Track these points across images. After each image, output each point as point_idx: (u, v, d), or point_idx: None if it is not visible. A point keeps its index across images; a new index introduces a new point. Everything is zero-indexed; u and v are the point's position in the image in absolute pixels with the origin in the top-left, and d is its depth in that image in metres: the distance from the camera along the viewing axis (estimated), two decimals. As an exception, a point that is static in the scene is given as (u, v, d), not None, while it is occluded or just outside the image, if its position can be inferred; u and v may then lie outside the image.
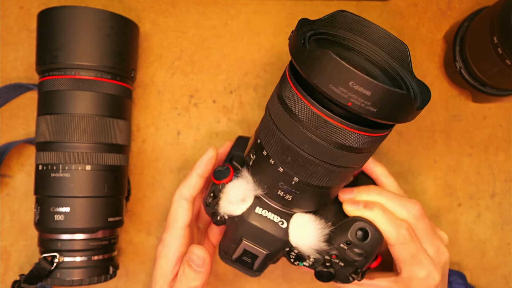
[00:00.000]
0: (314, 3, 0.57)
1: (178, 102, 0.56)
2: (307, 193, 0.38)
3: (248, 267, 0.42)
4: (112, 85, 0.48)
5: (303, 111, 0.34)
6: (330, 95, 0.32)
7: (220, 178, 0.41)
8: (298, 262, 0.42)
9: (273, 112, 0.37)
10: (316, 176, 0.37)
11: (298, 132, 0.35)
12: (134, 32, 0.51)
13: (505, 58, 0.45)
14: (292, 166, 0.37)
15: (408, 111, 0.33)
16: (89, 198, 0.46)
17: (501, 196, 0.57)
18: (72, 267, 0.46)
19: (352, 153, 0.35)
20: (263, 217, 0.40)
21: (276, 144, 0.37)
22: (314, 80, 0.32)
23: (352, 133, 0.34)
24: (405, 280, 0.42)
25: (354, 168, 0.38)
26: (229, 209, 0.41)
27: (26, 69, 0.55)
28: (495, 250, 0.56)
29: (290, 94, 0.35)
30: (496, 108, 0.57)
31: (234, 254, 0.42)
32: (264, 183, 0.39)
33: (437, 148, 0.57)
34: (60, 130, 0.46)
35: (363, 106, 0.31)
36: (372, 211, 0.41)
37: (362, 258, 0.40)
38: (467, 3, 0.58)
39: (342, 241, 0.40)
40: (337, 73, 0.31)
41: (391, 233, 0.40)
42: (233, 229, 0.41)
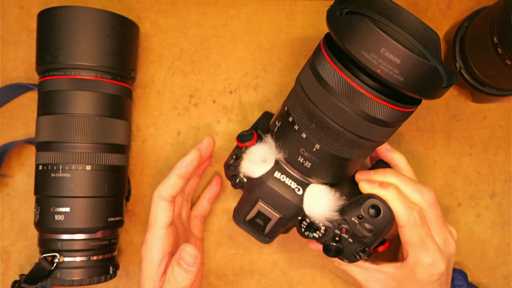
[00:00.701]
0: (314, 3, 0.57)
1: (178, 102, 0.56)
2: (326, 162, 0.40)
3: (260, 229, 0.43)
4: (112, 85, 0.48)
5: (335, 79, 0.36)
6: (361, 60, 0.33)
7: (243, 141, 0.43)
8: (309, 233, 0.42)
9: (304, 81, 0.39)
10: (338, 146, 0.38)
11: (327, 100, 0.36)
12: (134, 32, 0.51)
13: (505, 58, 0.45)
14: (316, 133, 0.38)
15: (434, 86, 0.34)
16: (89, 198, 0.46)
17: (501, 196, 0.57)
18: (72, 267, 0.46)
19: (377, 126, 0.37)
20: (281, 181, 0.42)
21: (303, 111, 0.39)
22: (348, 46, 0.33)
23: (379, 105, 0.35)
24: (410, 265, 0.43)
25: (376, 142, 0.39)
26: (250, 170, 0.42)
27: (26, 69, 0.55)
28: (495, 250, 0.56)
29: (324, 63, 0.36)
30: (496, 108, 0.57)
31: (248, 215, 0.43)
32: (286, 148, 0.41)
33: (437, 148, 0.57)
34: (60, 130, 0.46)
35: (391, 74, 0.33)
36: (387, 191, 0.41)
37: (371, 234, 0.41)
38: (467, 3, 0.58)
39: (354, 215, 0.41)
40: (370, 39, 0.32)
41: (403, 214, 0.41)
42: (251, 192, 0.43)
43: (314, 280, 0.56)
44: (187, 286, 0.42)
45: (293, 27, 0.57)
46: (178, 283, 0.42)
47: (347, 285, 0.56)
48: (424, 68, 0.33)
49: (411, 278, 0.44)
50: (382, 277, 0.45)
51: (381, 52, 0.32)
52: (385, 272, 0.45)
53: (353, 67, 0.35)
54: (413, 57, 0.32)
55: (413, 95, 0.35)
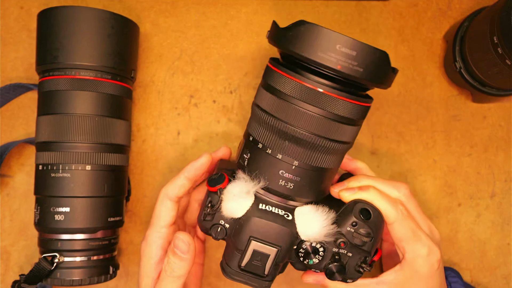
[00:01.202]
0: (314, 3, 0.57)
1: (178, 102, 0.56)
2: (307, 177, 0.40)
3: (259, 273, 0.41)
4: (112, 85, 0.48)
5: (296, 89, 0.37)
6: (320, 62, 0.35)
7: (215, 184, 0.40)
8: (308, 260, 0.41)
9: (264, 103, 0.39)
10: (315, 155, 0.39)
11: (293, 112, 0.37)
12: (134, 32, 0.51)
13: (505, 58, 0.45)
14: (291, 149, 0.38)
15: (387, 72, 0.37)
16: (89, 198, 0.46)
17: (501, 196, 0.57)
18: (72, 267, 0.46)
19: (344, 125, 0.38)
20: (268, 211, 0.40)
21: (272, 132, 0.39)
22: (303, 53, 0.35)
23: (342, 102, 0.37)
24: (410, 262, 0.43)
25: (346, 144, 0.40)
26: (232, 211, 0.40)
27: (26, 69, 0.55)
28: (495, 250, 0.56)
29: (279, 79, 0.38)
30: (496, 108, 0.57)
31: (242, 261, 0.40)
32: (265, 175, 0.40)
33: (437, 148, 0.57)
34: (60, 130, 0.46)
35: (351, 67, 0.35)
36: (368, 192, 0.42)
37: (369, 239, 0.40)
38: (467, 3, 0.58)
39: (348, 224, 0.40)
40: (324, 39, 0.35)
41: (390, 211, 0.42)
42: (239, 234, 0.40)
43: (314, 280, 0.56)
44: (184, 275, 0.42)
45: (293, 27, 0.57)
46: (174, 272, 0.42)
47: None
48: (377, 55, 0.36)
49: (414, 276, 0.43)
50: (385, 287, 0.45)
51: (337, 49, 0.34)
52: (387, 282, 0.44)
53: (308, 73, 0.37)
54: (366, 46, 0.35)
55: (372, 84, 0.37)
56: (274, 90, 0.38)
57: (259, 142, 0.40)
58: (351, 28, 0.57)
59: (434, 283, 0.44)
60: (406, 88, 0.57)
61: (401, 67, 0.57)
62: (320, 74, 0.37)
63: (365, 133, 0.56)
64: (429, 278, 0.43)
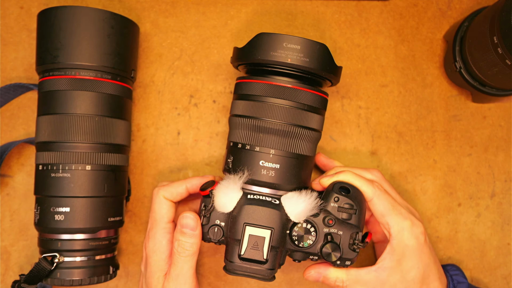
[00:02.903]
0: (314, 3, 0.57)
1: (178, 102, 0.56)
2: (285, 164, 0.45)
3: (259, 258, 0.43)
4: (112, 85, 0.48)
5: (265, 88, 0.44)
6: (274, 60, 0.43)
7: (206, 188, 0.45)
8: (303, 243, 0.44)
9: (239, 111, 0.46)
10: (288, 142, 0.45)
11: (266, 107, 0.44)
12: (134, 32, 0.51)
13: (505, 58, 0.45)
14: (266, 140, 0.44)
15: (331, 63, 0.45)
16: (89, 198, 0.46)
17: (501, 196, 0.57)
18: (72, 267, 0.46)
19: (309, 112, 0.45)
20: (256, 199, 0.44)
21: (248, 130, 0.45)
22: (259, 57, 0.44)
23: (303, 92, 0.44)
24: (397, 237, 0.45)
25: (315, 131, 0.46)
26: (224, 205, 0.44)
27: (26, 69, 0.55)
28: (495, 250, 0.56)
29: (251, 87, 0.45)
30: (496, 108, 0.57)
31: (241, 250, 0.43)
32: (248, 168, 0.45)
33: (437, 148, 0.57)
34: (60, 130, 0.46)
35: (298, 58, 0.43)
36: (345, 174, 0.46)
37: (353, 211, 0.44)
38: (467, 3, 0.58)
39: (331, 200, 0.45)
40: (273, 41, 0.43)
41: (367, 187, 0.46)
42: (234, 226, 0.44)
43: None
44: (196, 252, 0.45)
45: (293, 27, 0.57)
46: (187, 250, 0.44)
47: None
48: (318, 47, 0.44)
49: (405, 253, 0.45)
50: (384, 274, 0.45)
51: (284, 46, 0.43)
52: (384, 267, 0.45)
53: (272, 75, 0.45)
54: (308, 40, 0.43)
55: (320, 73, 0.44)
56: (247, 96, 0.45)
57: (238, 143, 0.45)
58: (351, 28, 0.57)
59: (425, 257, 0.45)
60: (406, 88, 0.57)
61: (401, 67, 0.57)
62: (282, 74, 0.45)
63: (365, 133, 0.56)
64: (419, 251, 0.45)
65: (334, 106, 0.57)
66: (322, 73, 0.45)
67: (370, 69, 0.57)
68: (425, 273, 0.45)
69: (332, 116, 0.56)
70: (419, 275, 0.45)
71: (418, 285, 0.45)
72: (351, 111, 0.57)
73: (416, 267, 0.45)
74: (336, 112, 0.57)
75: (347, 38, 0.57)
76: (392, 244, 0.45)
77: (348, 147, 0.56)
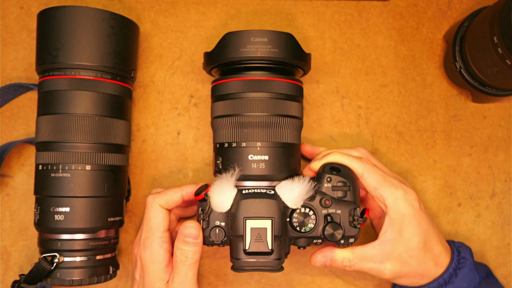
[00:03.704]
0: (314, 3, 0.57)
1: (178, 102, 0.56)
2: (273, 154, 0.46)
3: (264, 250, 0.43)
4: (112, 85, 0.48)
5: (241, 85, 0.46)
6: (244, 56, 0.45)
7: (200, 192, 0.45)
8: (305, 228, 0.45)
9: (219, 112, 0.47)
10: (272, 133, 0.46)
11: (245, 102, 0.45)
12: (134, 32, 0.51)
13: (505, 58, 0.45)
14: (251, 134, 0.45)
15: (299, 51, 0.46)
16: (89, 198, 0.46)
17: (501, 196, 0.57)
18: (72, 267, 0.46)
19: (287, 101, 0.46)
20: (252, 193, 0.45)
21: (232, 128, 0.46)
22: (230, 55, 0.45)
23: (278, 82, 0.46)
24: (393, 207, 0.46)
25: (295, 117, 0.47)
26: (221, 205, 0.44)
27: (26, 69, 0.55)
28: (495, 250, 0.56)
29: (227, 86, 0.46)
30: (496, 108, 0.57)
31: (246, 244, 0.43)
32: (238, 164, 0.45)
33: (437, 148, 0.57)
34: (60, 130, 0.46)
35: (268, 50, 0.44)
36: (333, 155, 0.47)
37: (347, 188, 0.46)
38: (467, 3, 0.58)
39: (324, 181, 0.46)
40: (241, 38, 0.45)
41: (356, 163, 0.47)
42: (234, 224, 0.44)
43: (314, 280, 0.55)
44: (198, 259, 0.45)
45: (293, 27, 0.57)
46: (190, 259, 0.45)
47: (347, 285, 0.56)
48: (284, 36, 0.45)
49: (404, 222, 0.46)
50: (388, 247, 0.46)
51: (251, 40, 0.44)
52: (387, 239, 0.46)
53: (246, 71, 0.46)
54: (273, 31, 0.45)
55: (291, 61, 0.46)
56: (225, 96, 0.47)
57: (224, 143, 0.46)
58: (351, 28, 0.57)
59: (424, 223, 0.46)
60: (406, 88, 0.57)
61: (401, 67, 0.57)
62: (255, 68, 0.46)
63: (365, 133, 0.56)
64: (417, 217, 0.46)
65: (334, 106, 0.57)
66: (293, 61, 0.46)
67: (370, 69, 0.57)
68: (426, 238, 0.46)
69: (332, 116, 0.56)
70: (421, 241, 0.46)
71: (422, 251, 0.46)
72: (351, 111, 0.57)
73: (417, 233, 0.46)
74: (336, 112, 0.57)
75: (347, 38, 0.57)
76: (390, 215, 0.46)
77: (348, 147, 0.56)
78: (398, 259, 0.46)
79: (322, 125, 0.56)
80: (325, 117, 0.56)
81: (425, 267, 0.46)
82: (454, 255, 0.48)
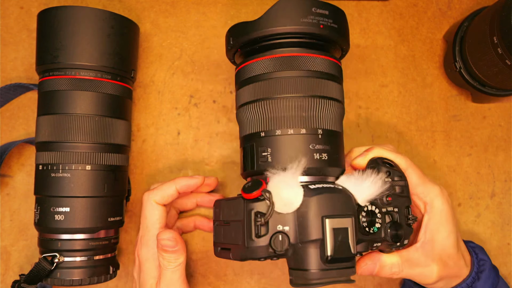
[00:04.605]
0: (314, 3, 0.57)
1: (178, 102, 0.56)
2: (330, 142, 0.39)
3: (348, 255, 0.36)
4: (112, 85, 0.48)
5: (272, 63, 0.40)
6: (303, 28, 0.39)
7: (253, 190, 0.36)
8: (373, 228, 0.39)
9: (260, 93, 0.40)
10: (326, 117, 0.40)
11: (283, 82, 0.39)
12: (134, 32, 0.51)
13: (505, 58, 0.45)
14: (307, 119, 0.39)
15: (347, 28, 0.42)
16: (89, 198, 0.46)
17: (501, 196, 0.57)
18: (72, 267, 0.46)
19: (327, 80, 0.40)
20: (321, 188, 0.37)
21: (277, 111, 0.39)
22: (287, 25, 0.39)
23: (318, 59, 0.40)
24: (433, 204, 0.44)
25: (338, 100, 0.41)
26: (290, 202, 0.36)
27: (26, 69, 0.55)
28: (495, 250, 0.56)
29: (256, 66, 0.40)
30: (496, 108, 0.57)
31: (328, 249, 0.36)
32: (299, 157, 0.38)
33: (437, 148, 0.57)
34: (60, 130, 0.46)
35: (329, 24, 0.39)
36: (377, 150, 0.44)
37: (403, 182, 0.42)
38: (467, 3, 0.58)
39: (384, 176, 0.41)
40: (301, 7, 0.39)
41: (400, 159, 0.44)
42: (307, 226, 0.36)
43: (314, 280, 0.55)
44: (182, 262, 0.45)
45: (293, 27, 0.57)
46: (173, 263, 0.45)
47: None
48: (341, 12, 0.41)
49: (442, 218, 0.44)
50: (429, 247, 0.43)
51: (313, 11, 0.39)
52: (429, 239, 0.43)
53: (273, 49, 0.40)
54: (333, 5, 0.40)
55: (344, 40, 0.41)
56: (253, 79, 0.41)
57: (270, 131, 0.39)
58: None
59: (455, 221, 0.45)
60: (406, 88, 0.57)
61: (401, 67, 0.57)
62: (284, 44, 0.40)
63: (365, 133, 0.56)
64: (452, 215, 0.44)
65: (334, 106, 0.57)
66: (343, 41, 0.42)
67: (370, 69, 0.57)
68: (458, 236, 0.45)
69: (332, 116, 0.56)
70: (455, 239, 0.44)
71: (456, 249, 0.44)
72: (351, 111, 0.57)
73: (452, 231, 0.44)
74: (336, 112, 0.57)
75: (347, 38, 0.57)
76: (429, 213, 0.44)
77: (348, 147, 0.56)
78: (440, 260, 0.43)
79: (322, 125, 0.56)
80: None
81: (460, 265, 0.44)
82: (473, 256, 0.47)
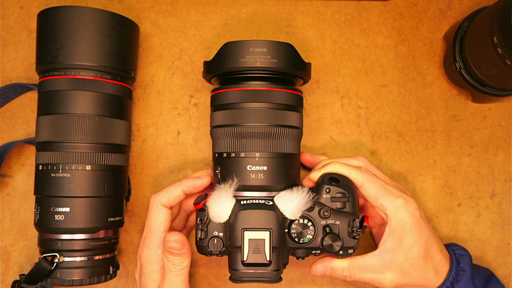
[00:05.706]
0: (314, 3, 0.57)
1: (178, 102, 0.56)
2: (272, 165, 0.45)
3: (262, 261, 0.43)
4: (112, 85, 0.48)
5: (241, 95, 0.45)
6: (243, 66, 0.44)
7: (200, 202, 0.45)
8: (303, 239, 0.44)
9: (218, 121, 0.46)
10: (271, 143, 0.45)
11: (245, 113, 0.45)
12: (134, 32, 0.51)
13: (505, 58, 0.45)
14: (250, 145, 0.45)
15: (299, 60, 0.46)
16: (89, 198, 0.46)
17: (501, 196, 0.57)
18: (72, 267, 0.46)
19: (286, 111, 0.46)
20: (250, 204, 0.44)
21: (231, 138, 0.46)
22: (229, 65, 0.45)
23: (278, 92, 0.45)
24: (393, 217, 0.45)
25: (295, 128, 0.47)
26: (220, 215, 0.44)
27: (26, 69, 0.55)
28: (495, 250, 0.56)
29: (227, 96, 0.46)
30: (496, 108, 0.57)
31: (244, 256, 0.43)
32: (237, 175, 0.45)
33: (437, 148, 0.57)
34: (60, 130, 0.46)
35: (267, 60, 0.44)
36: (332, 165, 0.47)
37: (346, 199, 0.45)
38: (467, 3, 0.58)
39: (323, 192, 0.45)
40: (240, 49, 0.44)
41: (355, 174, 0.46)
42: (233, 234, 0.44)
43: (314, 280, 0.56)
44: (187, 266, 0.45)
45: (293, 27, 0.57)
46: (176, 266, 0.45)
47: (347, 285, 0.56)
48: (284, 46, 0.45)
49: (404, 231, 0.45)
50: (388, 256, 0.45)
51: (251, 51, 0.44)
52: (387, 249, 0.45)
53: (245, 81, 0.46)
54: (273, 42, 0.44)
55: (291, 71, 0.45)
56: (224, 106, 0.46)
57: (223, 153, 0.46)
58: (351, 28, 0.57)
59: (424, 232, 0.46)
60: (406, 88, 0.57)
61: (401, 67, 0.57)
62: (254, 78, 0.46)
63: (365, 133, 0.56)
64: (417, 227, 0.46)
65: (334, 106, 0.57)
66: (292, 71, 0.46)
67: (370, 69, 0.57)
68: (426, 247, 0.46)
69: (332, 116, 0.56)
70: (422, 250, 0.46)
71: (422, 260, 0.46)
72: (351, 111, 0.57)
73: (417, 242, 0.45)
74: (336, 112, 0.57)
75: (347, 38, 0.57)
76: (390, 224, 0.46)
77: (348, 147, 0.56)
78: (398, 269, 0.45)
79: (322, 125, 0.56)
80: (325, 117, 0.56)
81: (426, 276, 0.46)
82: (452, 266, 0.47)
